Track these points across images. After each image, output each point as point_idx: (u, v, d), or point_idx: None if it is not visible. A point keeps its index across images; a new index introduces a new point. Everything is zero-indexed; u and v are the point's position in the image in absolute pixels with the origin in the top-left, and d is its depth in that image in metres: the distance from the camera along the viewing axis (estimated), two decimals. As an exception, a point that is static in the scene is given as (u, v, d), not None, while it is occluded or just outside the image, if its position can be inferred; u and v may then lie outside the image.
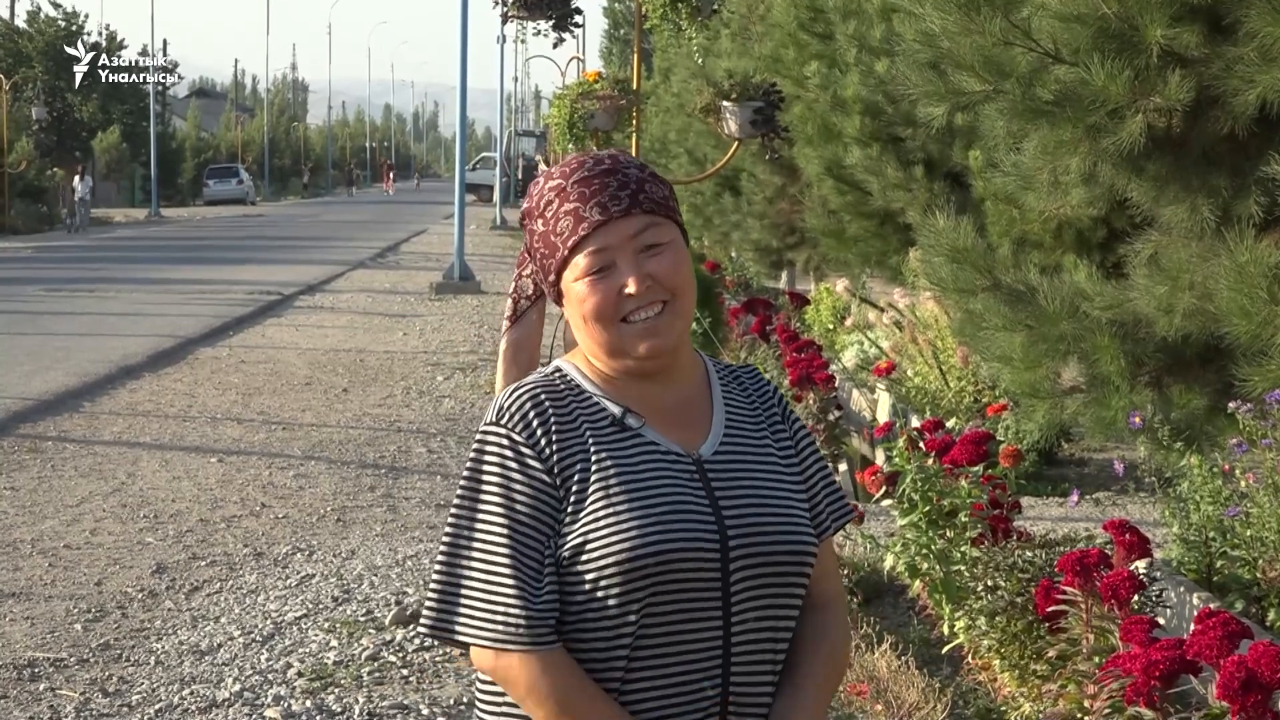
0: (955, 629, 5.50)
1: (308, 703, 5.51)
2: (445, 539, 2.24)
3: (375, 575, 7.19)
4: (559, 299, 2.33)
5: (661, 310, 2.24)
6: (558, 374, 2.32)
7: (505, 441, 2.22)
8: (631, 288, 2.22)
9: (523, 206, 2.37)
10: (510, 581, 2.16)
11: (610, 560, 2.14)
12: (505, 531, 2.18)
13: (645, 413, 2.27)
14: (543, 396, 2.25)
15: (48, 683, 5.74)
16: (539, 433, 2.21)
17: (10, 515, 8.39)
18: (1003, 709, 5.10)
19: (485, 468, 2.22)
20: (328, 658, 6.01)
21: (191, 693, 5.62)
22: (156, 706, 5.48)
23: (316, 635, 6.31)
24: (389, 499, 8.93)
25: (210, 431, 11.11)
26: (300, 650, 6.12)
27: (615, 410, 2.26)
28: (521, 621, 2.15)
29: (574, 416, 2.24)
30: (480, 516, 2.21)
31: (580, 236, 2.24)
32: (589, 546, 2.16)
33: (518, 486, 2.20)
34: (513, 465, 2.20)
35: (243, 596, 6.90)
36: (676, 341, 2.28)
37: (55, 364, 13.96)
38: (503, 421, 2.23)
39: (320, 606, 6.72)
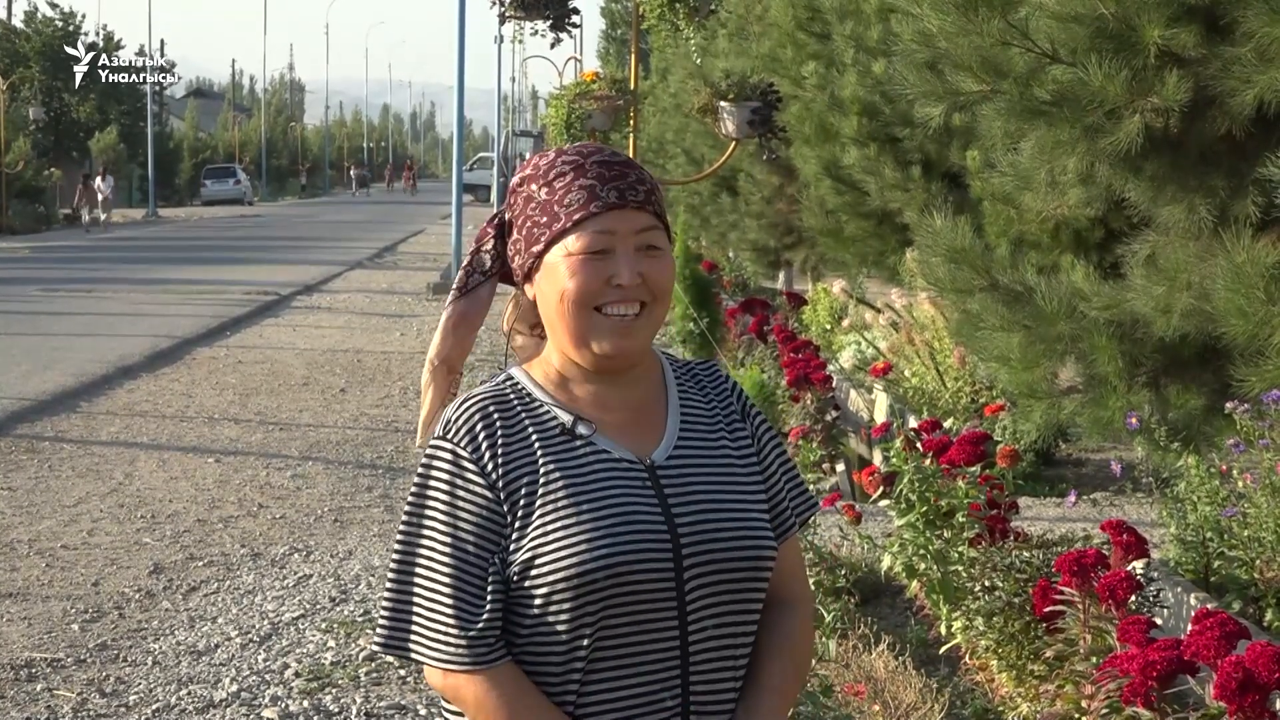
0: (953, 629, 5.50)
1: (305, 703, 5.50)
2: (395, 555, 2.22)
3: (372, 575, 7.19)
4: (530, 274, 2.28)
5: (639, 312, 2.21)
6: (509, 382, 2.29)
7: (450, 457, 2.20)
8: (624, 279, 2.19)
9: (522, 172, 2.32)
10: (450, 603, 2.14)
11: (560, 575, 2.12)
12: (448, 551, 2.16)
13: (598, 418, 2.24)
14: (491, 409, 2.22)
15: (45, 683, 5.73)
16: (484, 447, 2.18)
17: (7, 516, 8.38)
18: (1000, 709, 5.10)
19: (431, 484, 2.20)
20: (325, 658, 6.01)
21: (189, 693, 5.61)
22: (154, 707, 5.48)
23: (314, 635, 6.31)
24: (386, 499, 8.93)
25: (208, 432, 11.10)
26: (298, 650, 6.12)
27: (565, 419, 2.23)
28: (462, 643, 2.13)
29: (523, 428, 2.21)
30: (425, 534, 2.19)
31: (590, 213, 2.20)
32: (538, 562, 2.13)
33: (462, 504, 2.18)
34: (458, 482, 2.18)
35: (240, 597, 6.90)
36: (642, 348, 2.26)
37: (52, 364, 13.95)
38: (449, 436, 2.21)
39: (317, 607, 6.72)
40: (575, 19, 8.62)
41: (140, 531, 8.09)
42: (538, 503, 2.16)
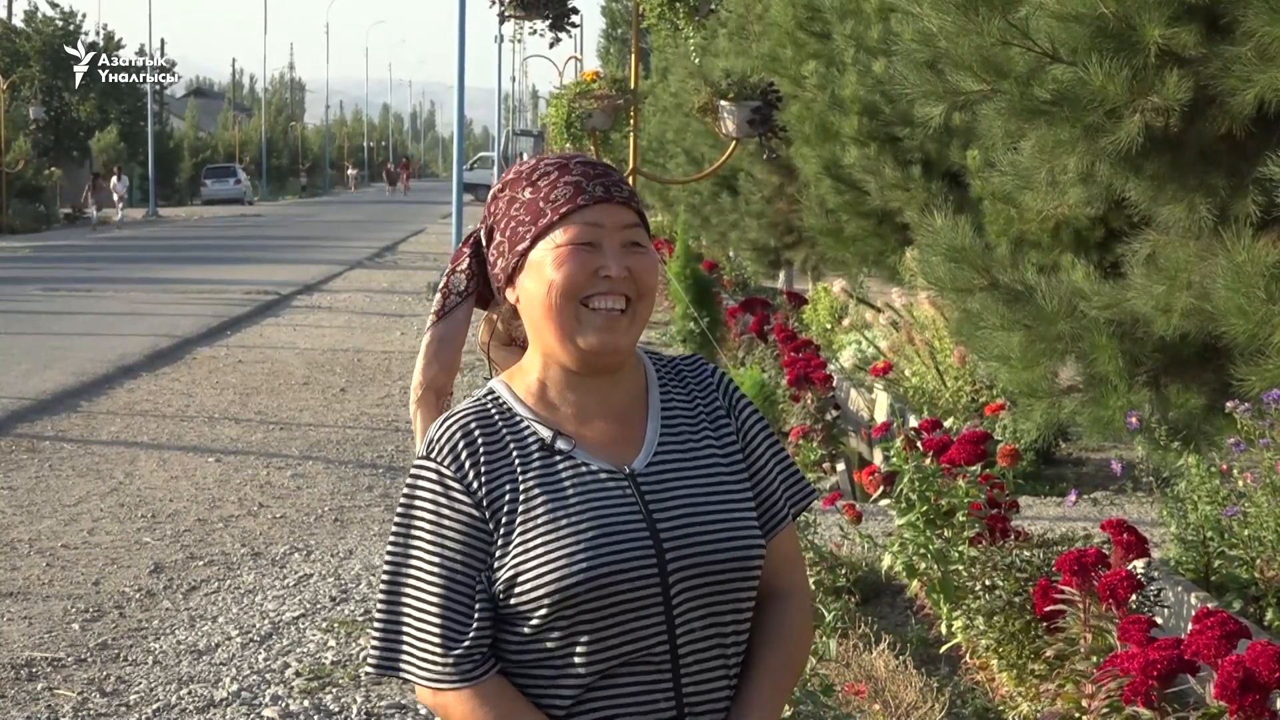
0: (953, 628, 5.50)
1: (305, 702, 5.50)
2: (384, 576, 2.22)
3: (373, 575, 7.18)
4: (513, 275, 2.27)
5: (625, 308, 2.21)
6: (490, 396, 2.28)
7: (434, 476, 2.20)
8: (612, 270, 2.19)
9: (504, 179, 2.32)
10: (438, 622, 2.15)
11: (542, 590, 2.12)
12: (436, 571, 2.17)
13: (578, 429, 2.24)
14: (473, 426, 2.22)
15: (45, 682, 5.74)
16: (468, 465, 2.19)
17: (8, 515, 8.39)
18: (1000, 708, 5.10)
19: (416, 503, 2.21)
20: (325, 657, 6.01)
21: (189, 692, 5.62)
22: (154, 706, 5.48)
23: (314, 635, 6.31)
24: (386, 499, 8.93)
25: (208, 431, 11.10)
26: (298, 650, 6.12)
27: (545, 435, 2.23)
28: (449, 661, 2.14)
29: (504, 444, 2.21)
30: (412, 554, 2.19)
31: (578, 206, 2.21)
32: (521, 579, 2.14)
33: (447, 522, 2.18)
34: (442, 501, 2.19)
35: (240, 596, 6.90)
36: (627, 346, 2.25)
37: (53, 363, 13.95)
38: (433, 455, 2.21)
39: (318, 606, 6.72)
40: (575, 18, 8.62)
41: (141, 531, 8.09)
42: (519, 519, 2.16)
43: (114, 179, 44.22)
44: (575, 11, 8.58)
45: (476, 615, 2.15)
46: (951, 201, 9.73)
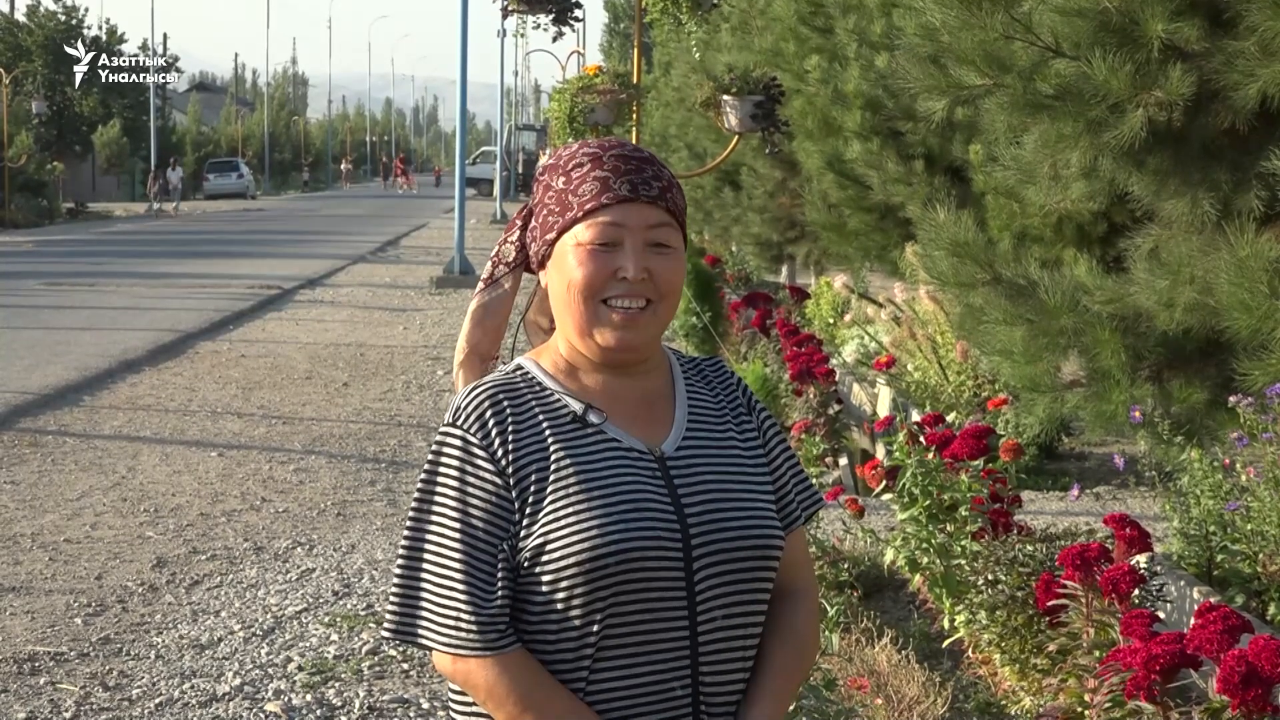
0: (956, 623, 5.50)
1: (308, 696, 5.51)
2: (404, 542, 2.23)
3: (375, 569, 7.19)
4: (543, 262, 2.30)
5: (645, 307, 2.23)
6: (519, 371, 2.31)
7: (460, 443, 2.22)
8: (630, 273, 2.20)
9: (545, 163, 2.35)
10: (462, 588, 2.15)
11: (571, 560, 2.13)
12: (459, 536, 2.18)
13: (607, 409, 2.26)
14: (501, 397, 2.24)
15: (48, 677, 5.74)
16: (494, 434, 2.20)
17: (10, 509, 8.39)
18: (1003, 703, 5.11)
19: (441, 470, 2.22)
20: (328, 652, 6.02)
21: (192, 686, 5.62)
22: (157, 700, 5.48)
23: (317, 629, 6.31)
24: (389, 493, 8.94)
25: (210, 426, 11.11)
26: (301, 644, 6.12)
27: (577, 407, 2.24)
28: (474, 628, 2.14)
29: (533, 415, 2.23)
30: (435, 520, 2.20)
31: (601, 204, 2.22)
32: (549, 547, 2.15)
33: (472, 490, 2.19)
34: (468, 468, 2.20)
35: (243, 590, 6.90)
36: (647, 343, 2.27)
37: (55, 358, 13.96)
38: (459, 423, 2.23)
39: (320, 601, 6.73)
40: (578, 13, 8.63)
41: (143, 525, 8.10)
42: (549, 489, 2.17)
43: (169, 170, 46.38)
44: (578, 6, 8.59)
45: (499, 584, 2.16)
46: (954, 196, 9.72)
